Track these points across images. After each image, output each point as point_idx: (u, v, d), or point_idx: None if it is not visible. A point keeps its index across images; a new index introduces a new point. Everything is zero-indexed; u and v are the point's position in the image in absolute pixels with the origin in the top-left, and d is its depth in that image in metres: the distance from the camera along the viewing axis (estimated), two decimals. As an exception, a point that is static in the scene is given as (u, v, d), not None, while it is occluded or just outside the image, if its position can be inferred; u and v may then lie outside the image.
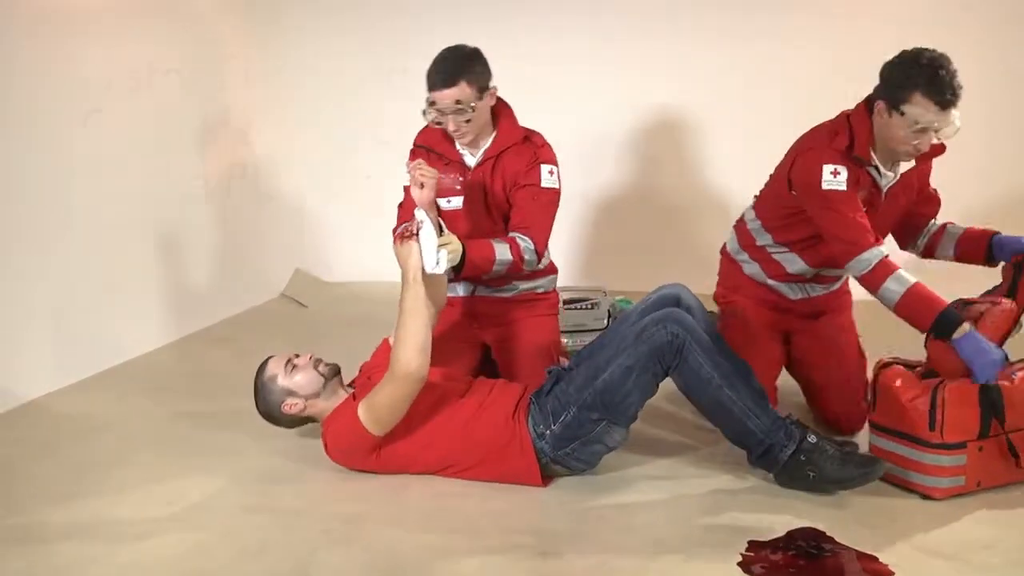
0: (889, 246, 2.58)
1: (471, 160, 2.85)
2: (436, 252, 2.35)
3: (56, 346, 3.20)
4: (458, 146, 2.84)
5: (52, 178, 3.20)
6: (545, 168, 2.80)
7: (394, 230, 2.83)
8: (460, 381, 2.58)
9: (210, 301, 4.05)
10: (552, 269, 3.08)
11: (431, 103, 2.69)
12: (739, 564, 2.00)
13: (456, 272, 2.60)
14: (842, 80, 3.73)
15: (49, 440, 2.73)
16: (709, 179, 4.37)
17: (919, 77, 2.38)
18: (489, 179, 2.82)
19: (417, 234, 2.34)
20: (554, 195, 2.83)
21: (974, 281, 2.65)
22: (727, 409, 2.34)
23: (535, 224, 2.78)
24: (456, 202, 2.87)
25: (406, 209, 2.82)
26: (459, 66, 2.65)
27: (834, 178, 2.52)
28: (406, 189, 2.83)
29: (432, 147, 2.87)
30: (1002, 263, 2.59)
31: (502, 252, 2.69)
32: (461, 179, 2.84)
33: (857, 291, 2.79)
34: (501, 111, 2.85)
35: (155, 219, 3.73)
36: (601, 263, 4.44)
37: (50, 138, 3.19)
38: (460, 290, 2.98)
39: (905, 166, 2.64)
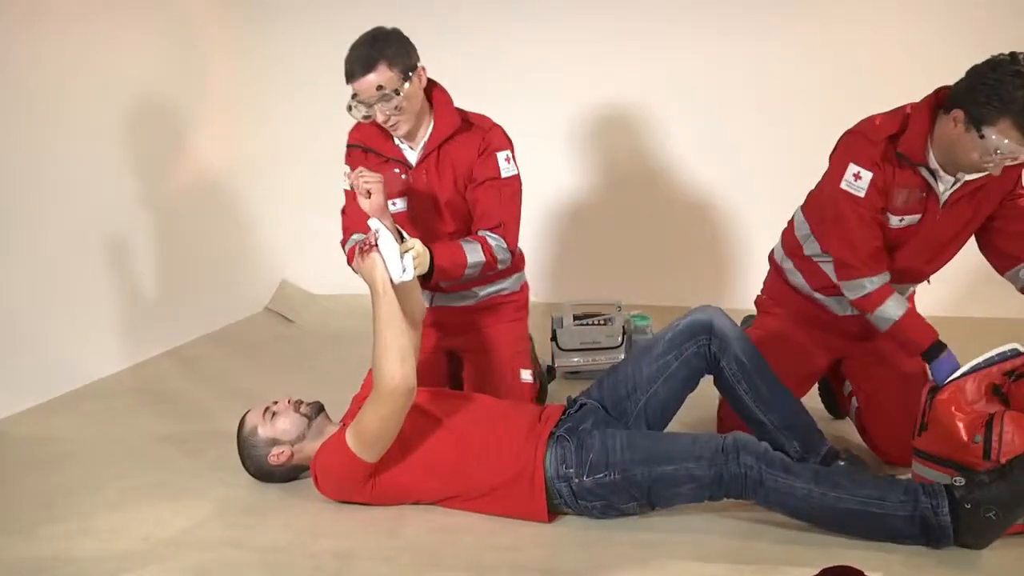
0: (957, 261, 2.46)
1: (412, 156, 2.65)
2: (400, 259, 2.22)
3: (13, 367, 3.02)
4: (396, 141, 2.65)
5: (18, 185, 3.07)
6: (500, 156, 2.61)
7: (342, 243, 2.67)
8: (456, 397, 2.43)
9: (188, 316, 3.89)
10: (518, 266, 2.86)
11: (353, 96, 2.49)
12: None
13: (426, 280, 2.42)
14: (844, 81, 3.75)
15: (5, 468, 2.58)
16: (724, 185, 4.22)
17: (1013, 103, 2.05)
18: (435, 175, 2.63)
19: (376, 245, 2.21)
20: (516, 182, 2.65)
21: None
22: (843, 511, 2.07)
23: (505, 220, 2.60)
24: (401, 204, 2.67)
25: (350, 217, 2.65)
26: (375, 48, 2.46)
27: (855, 180, 2.33)
28: (347, 193, 2.65)
29: (368, 145, 2.67)
30: None
31: (473, 254, 2.52)
32: (404, 177, 2.65)
33: (929, 307, 2.64)
34: (437, 97, 2.64)
35: (127, 229, 3.57)
36: (614, 275, 4.26)
37: (18, 143, 3.06)
38: None
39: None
